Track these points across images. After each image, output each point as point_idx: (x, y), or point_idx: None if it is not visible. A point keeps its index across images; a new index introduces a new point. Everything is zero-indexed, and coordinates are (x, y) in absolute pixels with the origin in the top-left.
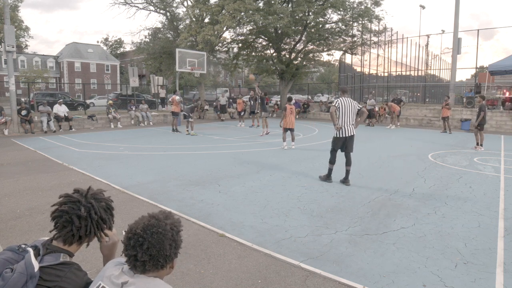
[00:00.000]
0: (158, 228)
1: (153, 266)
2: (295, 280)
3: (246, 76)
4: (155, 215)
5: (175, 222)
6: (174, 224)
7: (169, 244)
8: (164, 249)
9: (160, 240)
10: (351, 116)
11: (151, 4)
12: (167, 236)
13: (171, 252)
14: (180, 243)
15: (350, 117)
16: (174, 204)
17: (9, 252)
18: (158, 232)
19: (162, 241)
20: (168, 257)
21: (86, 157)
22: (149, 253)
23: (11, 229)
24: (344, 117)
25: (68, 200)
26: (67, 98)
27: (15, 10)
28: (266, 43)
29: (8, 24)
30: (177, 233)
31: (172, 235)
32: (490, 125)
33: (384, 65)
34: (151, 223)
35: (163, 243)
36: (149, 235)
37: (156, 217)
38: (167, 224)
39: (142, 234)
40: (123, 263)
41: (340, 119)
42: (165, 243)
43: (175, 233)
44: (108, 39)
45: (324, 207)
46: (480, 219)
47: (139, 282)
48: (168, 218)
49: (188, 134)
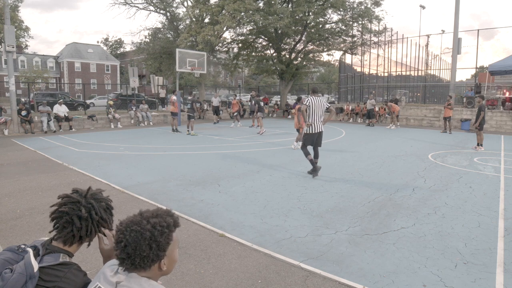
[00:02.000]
0: (137, 226)
1: (131, 265)
2: (295, 280)
3: (246, 76)
4: (144, 212)
5: (162, 222)
6: (159, 223)
7: (148, 245)
8: (140, 249)
9: (137, 239)
10: (320, 114)
11: (151, 4)
12: (145, 236)
13: (151, 253)
14: (165, 245)
15: (319, 114)
16: (174, 204)
17: (9, 253)
18: (136, 230)
19: (138, 241)
20: (147, 258)
21: (86, 157)
22: (126, 252)
23: (11, 229)
24: (314, 114)
25: (68, 201)
26: (67, 98)
27: (15, 10)
28: (266, 43)
29: (8, 24)
30: (161, 234)
31: (152, 236)
32: (490, 125)
33: (384, 65)
34: (133, 220)
35: (139, 242)
36: (128, 233)
37: (142, 214)
38: (149, 223)
39: (123, 231)
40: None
41: (310, 116)
42: (142, 243)
43: (157, 233)
44: (108, 39)
45: (324, 207)
46: (480, 219)
47: (132, 283)
48: (156, 216)
49: (188, 134)
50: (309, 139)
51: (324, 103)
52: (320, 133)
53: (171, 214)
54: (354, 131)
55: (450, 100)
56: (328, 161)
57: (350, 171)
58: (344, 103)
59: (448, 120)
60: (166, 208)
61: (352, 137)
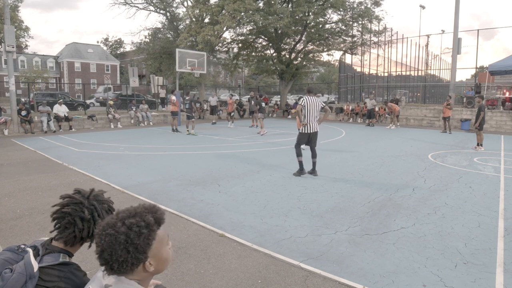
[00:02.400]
0: (112, 229)
1: (111, 270)
2: (295, 280)
3: (246, 76)
4: (121, 211)
5: (139, 222)
6: (136, 224)
7: (124, 249)
8: (116, 255)
9: (111, 243)
10: (315, 114)
11: (151, 4)
12: (119, 239)
13: (129, 257)
14: (145, 247)
15: (314, 114)
16: (174, 204)
17: (9, 253)
18: (110, 234)
19: (112, 245)
20: (125, 263)
21: (86, 157)
22: (103, 257)
23: (11, 229)
24: (309, 114)
25: (71, 202)
26: (67, 98)
27: (15, 10)
28: (266, 43)
29: (8, 24)
30: (138, 235)
31: (127, 238)
32: (490, 125)
33: (384, 65)
34: (108, 223)
35: (114, 247)
36: (103, 237)
37: (118, 214)
38: (124, 224)
39: (100, 235)
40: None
41: (305, 116)
42: (117, 248)
43: (133, 235)
44: (108, 39)
45: (324, 207)
46: (480, 219)
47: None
48: (133, 216)
49: (188, 134)
50: (303, 138)
51: (320, 103)
52: (315, 133)
53: (153, 210)
54: (354, 131)
55: (450, 100)
56: (328, 161)
57: (350, 171)
58: (344, 103)
59: (447, 120)
60: (149, 204)
61: (352, 137)
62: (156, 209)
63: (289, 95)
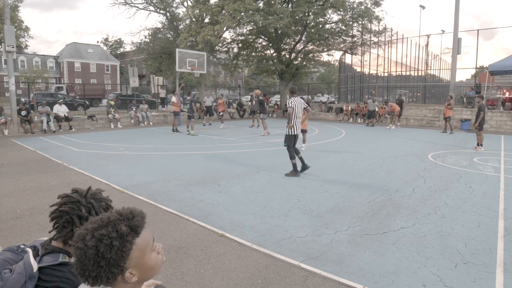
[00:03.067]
0: (81, 242)
1: (87, 283)
2: (295, 280)
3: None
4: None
5: (111, 233)
6: (107, 235)
7: (95, 263)
8: (87, 270)
9: (81, 257)
10: (300, 115)
11: (151, 4)
12: (88, 254)
13: (102, 271)
14: (118, 259)
15: (299, 115)
16: (174, 204)
17: (8, 253)
18: (80, 248)
19: (83, 260)
20: (99, 277)
21: (86, 157)
22: (77, 271)
23: (11, 229)
24: (296, 116)
25: (68, 201)
26: (67, 98)
27: (15, 10)
28: (266, 43)
29: (8, 24)
30: (109, 249)
31: (96, 253)
32: (490, 125)
33: (384, 65)
34: (79, 234)
35: (84, 262)
36: (75, 250)
37: (89, 224)
38: (93, 237)
39: (73, 247)
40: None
41: (294, 117)
42: (87, 263)
43: (104, 248)
44: (108, 39)
45: (324, 207)
46: (480, 219)
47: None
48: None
49: (188, 134)
50: (292, 139)
51: (303, 103)
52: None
53: (129, 217)
54: (354, 131)
55: (450, 100)
56: (328, 161)
57: (350, 171)
58: (344, 103)
59: (448, 120)
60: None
61: (352, 137)
62: (133, 215)
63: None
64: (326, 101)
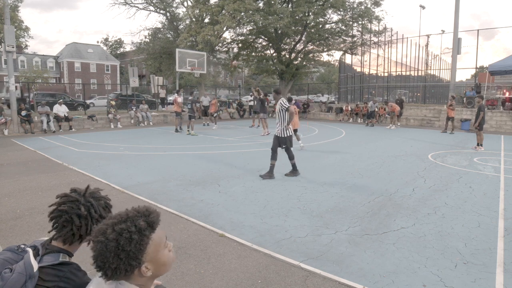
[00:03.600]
0: (102, 236)
1: (106, 277)
2: (295, 280)
3: (246, 76)
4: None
5: (130, 227)
6: (127, 229)
7: (116, 256)
8: (108, 262)
9: (102, 251)
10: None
11: (151, 4)
12: (109, 247)
13: (121, 264)
14: (137, 252)
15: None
16: (174, 204)
17: (8, 252)
18: (101, 241)
19: (104, 253)
20: (118, 270)
21: (86, 157)
22: (97, 264)
23: (11, 229)
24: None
25: (67, 200)
26: (67, 98)
27: (15, 10)
28: (266, 43)
29: (8, 24)
30: (129, 242)
31: (117, 245)
32: (490, 125)
33: (384, 65)
34: (100, 229)
35: (105, 255)
36: (95, 244)
37: (109, 219)
38: (114, 231)
39: (93, 241)
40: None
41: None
42: (108, 256)
43: (124, 241)
44: (108, 39)
45: (324, 207)
46: (480, 219)
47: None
48: (126, 220)
49: (188, 134)
50: (290, 140)
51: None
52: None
53: (146, 214)
54: (354, 131)
55: (453, 101)
56: (328, 161)
57: (350, 171)
58: (344, 103)
59: (452, 120)
60: (142, 206)
61: (352, 137)
62: (150, 212)
63: (289, 95)
64: (326, 101)
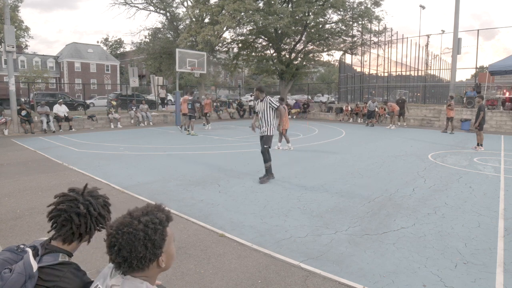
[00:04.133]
0: (129, 227)
1: (129, 268)
2: (295, 280)
3: (246, 76)
4: (133, 211)
5: (154, 219)
6: (151, 221)
7: (143, 245)
8: (136, 251)
9: (131, 241)
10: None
11: (151, 4)
12: (138, 236)
13: (147, 253)
14: (161, 242)
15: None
16: (174, 204)
17: (8, 253)
18: (129, 232)
19: (132, 243)
20: (144, 259)
21: (86, 157)
22: (121, 255)
23: (11, 229)
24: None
25: (65, 199)
26: (67, 98)
27: (15, 10)
28: (266, 43)
29: (8, 24)
30: (155, 232)
31: (145, 235)
32: (490, 125)
33: (384, 65)
34: (123, 222)
35: (133, 244)
36: (120, 236)
37: (131, 214)
38: (141, 222)
39: (115, 235)
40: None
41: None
42: (137, 245)
43: (151, 231)
44: (108, 39)
45: (324, 207)
46: (480, 219)
47: (127, 286)
48: (147, 214)
49: (188, 134)
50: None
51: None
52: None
53: (161, 209)
54: (354, 131)
55: (451, 101)
56: (328, 161)
57: (350, 171)
58: (344, 103)
59: (451, 120)
60: (155, 203)
61: (352, 137)
62: (163, 207)
63: (289, 95)
64: (326, 101)
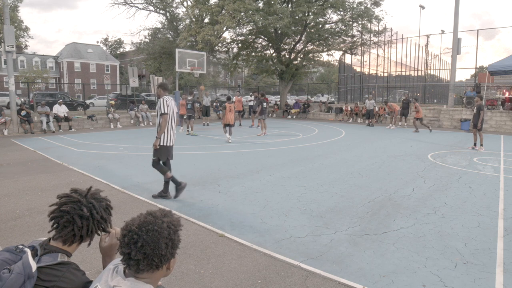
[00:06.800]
0: (154, 225)
1: (147, 266)
2: (295, 280)
3: (246, 76)
4: (153, 212)
5: (173, 221)
6: (171, 222)
7: (165, 243)
8: (159, 248)
9: (155, 238)
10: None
11: (151, 4)
12: (163, 234)
13: (167, 252)
14: (177, 243)
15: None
16: (174, 204)
17: (7, 253)
18: (154, 229)
19: (157, 239)
20: (164, 257)
21: (85, 157)
22: (143, 252)
23: (11, 229)
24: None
25: (69, 200)
26: (66, 98)
27: (14, 10)
28: (266, 43)
29: (8, 24)
30: (175, 232)
31: (168, 234)
32: (490, 125)
33: (384, 65)
34: (147, 220)
35: (158, 241)
36: (144, 233)
37: (153, 214)
38: (164, 222)
39: (137, 231)
40: (118, 263)
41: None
42: (161, 242)
43: (172, 231)
44: (107, 39)
45: (324, 207)
46: (480, 219)
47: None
48: (166, 216)
49: (188, 134)
50: (165, 152)
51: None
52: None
53: (171, 214)
54: (354, 131)
55: (416, 103)
56: (328, 161)
57: (350, 171)
58: (344, 103)
59: (420, 120)
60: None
61: (352, 137)
62: (173, 213)
63: (288, 95)
64: (326, 101)
